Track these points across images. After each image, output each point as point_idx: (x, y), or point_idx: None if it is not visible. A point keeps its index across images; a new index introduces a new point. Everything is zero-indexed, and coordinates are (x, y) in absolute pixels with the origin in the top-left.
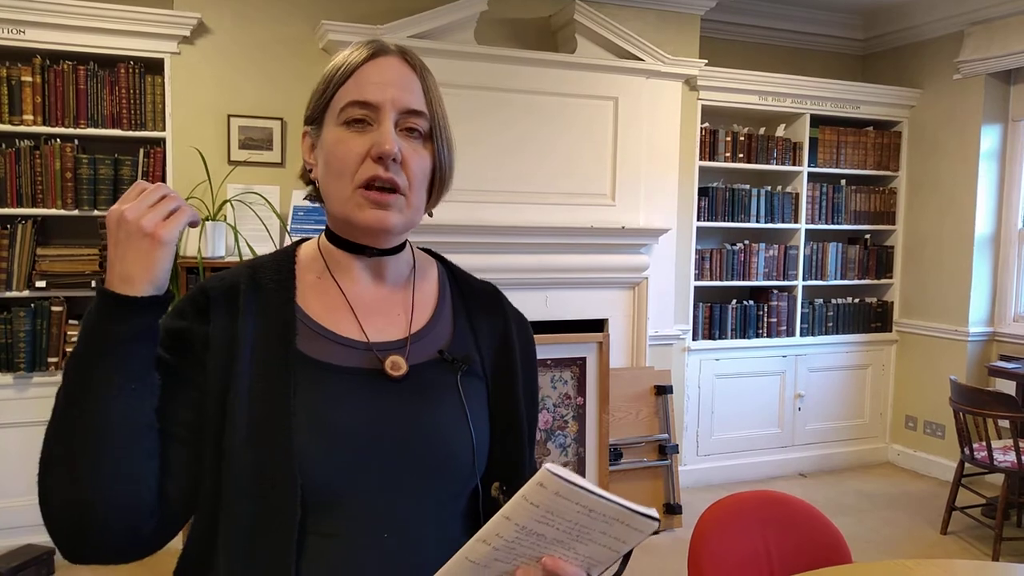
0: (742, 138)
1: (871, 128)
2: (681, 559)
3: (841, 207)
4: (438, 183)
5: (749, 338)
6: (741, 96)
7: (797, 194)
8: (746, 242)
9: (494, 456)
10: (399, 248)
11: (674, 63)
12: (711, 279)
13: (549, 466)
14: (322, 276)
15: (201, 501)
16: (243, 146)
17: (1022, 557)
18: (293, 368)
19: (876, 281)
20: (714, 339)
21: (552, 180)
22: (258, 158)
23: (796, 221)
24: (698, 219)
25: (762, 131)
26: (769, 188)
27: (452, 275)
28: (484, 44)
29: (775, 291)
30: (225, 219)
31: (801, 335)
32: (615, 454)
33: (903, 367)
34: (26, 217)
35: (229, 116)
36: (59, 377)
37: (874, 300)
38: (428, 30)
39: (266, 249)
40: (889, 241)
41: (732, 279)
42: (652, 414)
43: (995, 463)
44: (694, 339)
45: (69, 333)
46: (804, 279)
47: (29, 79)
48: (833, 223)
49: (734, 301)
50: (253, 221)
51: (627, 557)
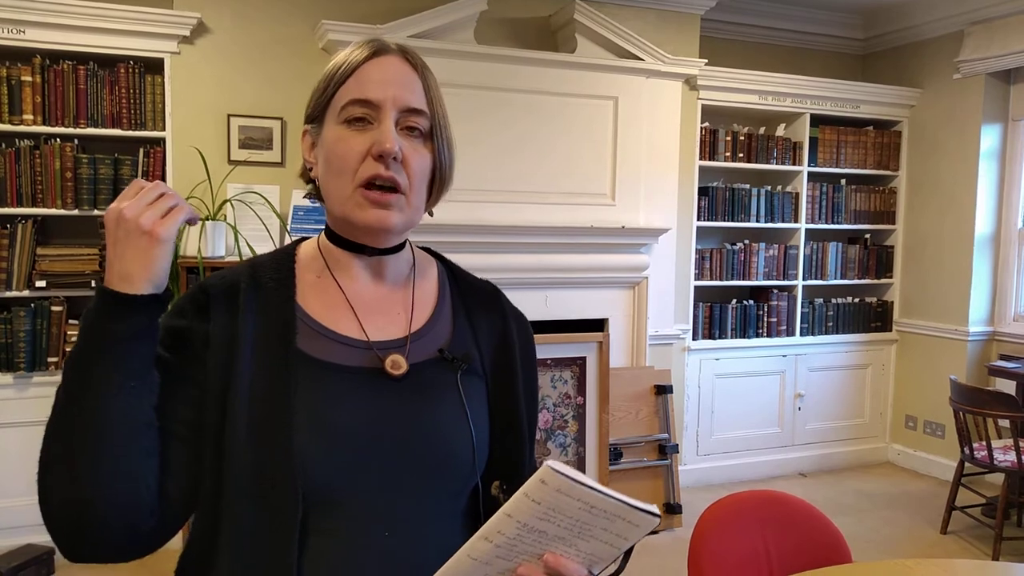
0: (742, 138)
1: (871, 128)
2: (681, 558)
3: (841, 207)
4: (438, 182)
5: (749, 338)
6: (741, 96)
7: (797, 194)
8: (746, 242)
9: (494, 455)
10: (399, 247)
11: (674, 63)
12: (711, 279)
13: (551, 463)
14: (322, 275)
15: (201, 500)
16: (243, 146)
17: (1022, 557)
18: (293, 367)
19: (876, 281)
20: (714, 339)
21: (552, 180)
22: (258, 158)
23: (796, 221)
24: (698, 219)
25: (762, 131)
26: (769, 188)
27: (451, 274)
28: (484, 44)
29: (775, 291)
30: (225, 219)
31: (801, 335)
32: (615, 454)
33: (903, 367)
34: (26, 217)
35: (229, 116)
36: (59, 377)
37: (874, 300)
38: (428, 30)
39: (266, 249)
40: (889, 241)
41: (732, 279)
42: (652, 414)
43: (995, 463)
44: (694, 339)
45: (69, 333)
46: (804, 279)
47: (29, 79)
48: (833, 223)
49: (734, 301)
50: (253, 221)
51: (628, 553)
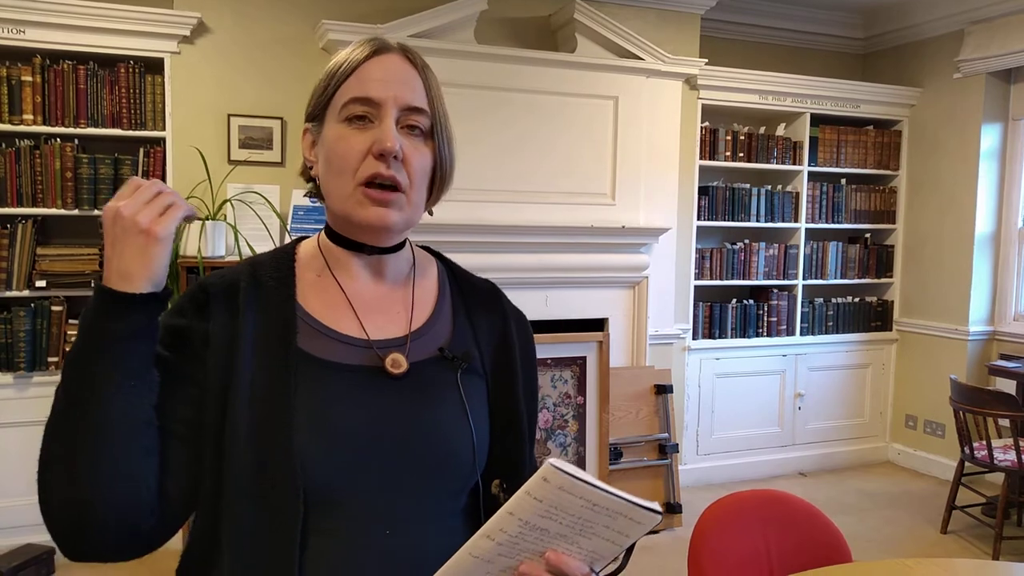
0: (742, 137)
1: (871, 127)
2: (681, 558)
3: (841, 206)
4: (439, 181)
5: (749, 337)
6: (741, 95)
7: (797, 193)
8: (746, 241)
9: (494, 454)
10: (399, 246)
11: (674, 62)
12: (711, 278)
13: (552, 461)
14: (322, 274)
15: (202, 500)
16: (243, 145)
17: (1022, 556)
18: (294, 366)
19: (876, 280)
20: (714, 338)
21: (552, 179)
22: (258, 157)
23: (796, 220)
24: (698, 218)
25: (762, 130)
26: (769, 187)
27: (451, 273)
28: (484, 43)
29: (775, 290)
30: (225, 218)
31: (801, 334)
32: (615, 453)
33: (903, 366)
34: (26, 217)
35: (229, 115)
36: (59, 377)
37: (874, 299)
38: (428, 29)
39: (266, 248)
40: (889, 240)
41: (732, 278)
42: (652, 413)
43: (995, 462)
44: (694, 338)
45: (69, 333)
46: (804, 278)
47: (29, 79)
48: (833, 222)
49: (734, 300)
50: (253, 220)
51: (630, 551)
